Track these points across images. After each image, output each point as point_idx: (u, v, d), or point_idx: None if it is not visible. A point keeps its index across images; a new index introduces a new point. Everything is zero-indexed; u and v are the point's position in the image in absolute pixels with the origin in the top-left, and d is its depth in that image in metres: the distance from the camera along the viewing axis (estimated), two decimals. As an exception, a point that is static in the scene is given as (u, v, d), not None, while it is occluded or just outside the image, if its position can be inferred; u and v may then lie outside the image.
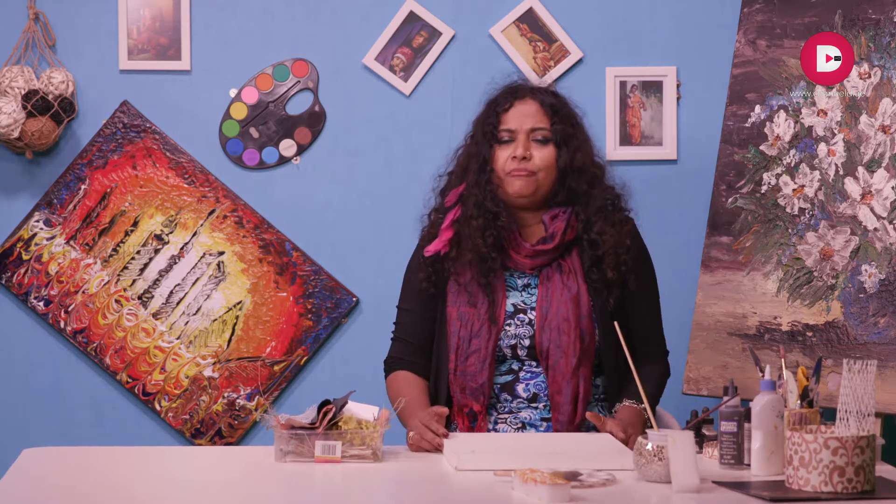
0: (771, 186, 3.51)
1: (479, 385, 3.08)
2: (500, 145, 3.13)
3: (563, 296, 3.10)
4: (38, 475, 2.72)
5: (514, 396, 3.10)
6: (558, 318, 3.08)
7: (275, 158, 4.04)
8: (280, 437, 2.80)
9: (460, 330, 3.10)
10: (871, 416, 2.53)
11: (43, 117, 3.89)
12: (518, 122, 3.13)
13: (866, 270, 3.28)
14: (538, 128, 3.13)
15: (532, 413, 3.09)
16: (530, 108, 3.14)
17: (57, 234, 4.01)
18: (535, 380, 3.09)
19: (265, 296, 4.02)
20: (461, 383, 3.09)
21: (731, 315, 3.52)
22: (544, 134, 3.13)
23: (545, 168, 3.12)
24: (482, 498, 2.51)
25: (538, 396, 3.09)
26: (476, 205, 3.12)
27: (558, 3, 4.02)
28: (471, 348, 3.09)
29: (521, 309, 3.12)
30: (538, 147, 3.12)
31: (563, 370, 3.05)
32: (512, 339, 3.10)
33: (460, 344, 3.10)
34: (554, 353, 3.07)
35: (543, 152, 3.12)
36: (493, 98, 3.19)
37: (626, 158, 3.99)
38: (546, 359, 3.07)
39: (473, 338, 3.09)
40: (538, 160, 3.11)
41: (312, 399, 3.00)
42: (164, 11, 4.01)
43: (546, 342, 3.07)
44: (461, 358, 3.09)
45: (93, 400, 4.03)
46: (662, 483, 2.57)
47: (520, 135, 3.12)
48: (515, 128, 3.13)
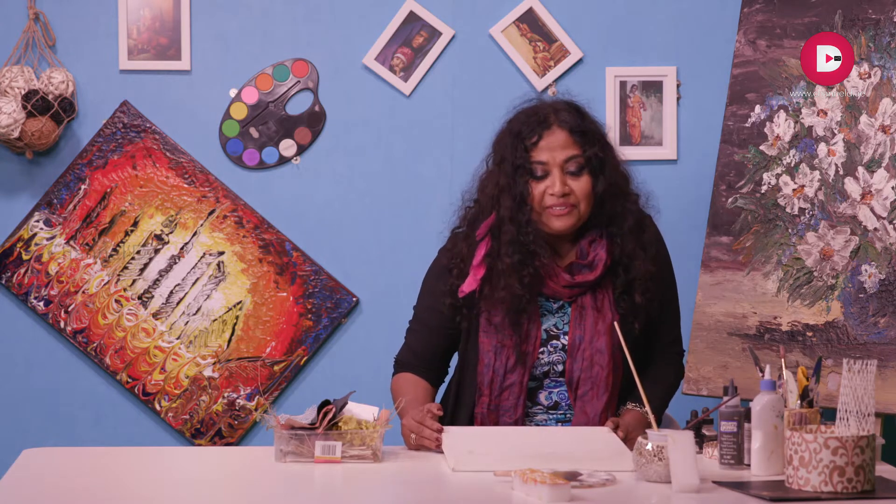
0: (771, 186, 3.51)
1: (513, 421, 3.06)
2: (535, 180, 3.05)
3: (597, 326, 3.06)
4: (38, 475, 2.72)
5: (534, 403, 3.09)
6: (592, 349, 3.05)
7: (275, 158, 4.04)
8: (280, 438, 2.80)
9: (495, 363, 3.06)
10: (871, 416, 2.53)
11: (43, 117, 3.89)
12: (549, 154, 3.04)
13: (866, 270, 3.28)
14: (571, 158, 3.05)
15: (547, 417, 3.08)
16: (559, 138, 3.06)
17: (57, 234, 4.01)
18: (559, 388, 3.08)
19: (265, 296, 4.02)
20: (494, 419, 3.07)
21: (731, 315, 3.52)
22: (578, 163, 3.05)
23: (584, 199, 3.05)
24: (482, 498, 2.52)
25: (559, 405, 3.08)
26: (511, 242, 3.04)
27: (558, 3, 4.02)
28: (506, 383, 3.06)
29: (553, 335, 3.08)
30: (573, 178, 3.05)
31: (593, 403, 3.04)
32: (545, 367, 3.08)
33: (495, 377, 3.06)
34: (584, 383, 3.05)
35: (580, 183, 3.05)
36: (516, 129, 3.09)
37: (626, 158, 3.96)
38: (575, 389, 3.06)
39: (508, 372, 3.06)
40: (577, 192, 3.05)
41: (312, 399, 3.00)
42: (164, 11, 4.01)
43: (577, 371, 3.05)
44: (495, 392, 3.07)
45: (93, 400, 4.03)
46: (662, 483, 2.57)
47: (553, 168, 3.04)
48: (547, 160, 3.04)
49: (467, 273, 3.08)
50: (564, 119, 3.07)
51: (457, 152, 4.02)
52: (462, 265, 3.10)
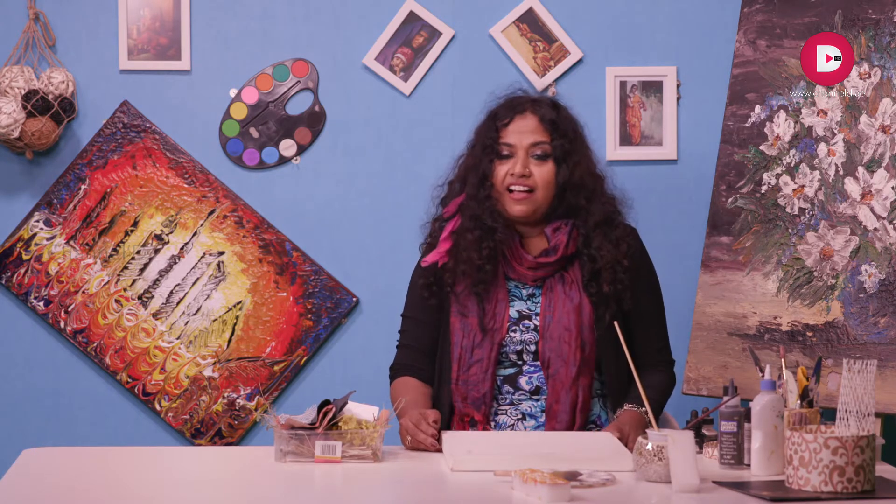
0: (771, 186, 3.51)
1: (482, 395, 3.09)
2: (500, 160, 3.14)
3: (565, 306, 3.11)
4: (38, 475, 2.72)
5: (516, 388, 3.11)
6: (560, 327, 3.09)
7: (275, 158, 4.04)
8: (280, 437, 2.80)
9: (462, 340, 3.12)
10: (871, 416, 2.53)
11: (43, 117, 3.89)
12: (517, 137, 3.14)
13: (866, 270, 3.28)
14: (537, 143, 3.14)
15: (533, 404, 3.10)
16: (529, 123, 3.15)
17: (57, 234, 4.01)
18: (538, 373, 3.10)
19: (265, 296, 4.02)
20: (463, 392, 3.10)
21: (731, 315, 3.52)
22: (544, 149, 3.14)
23: (544, 186, 3.13)
24: (482, 498, 2.52)
25: (540, 389, 3.10)
26: (472, 217, 3.14)
27: (558, 3, 4.02)
28: (473, 358, 3.10)
29: (525, 315, 3.13)
30: (537, 163, 3.13)
31: (562, 379, 3.07)
32: (518, 345, 3.11)
33: (462, 354, 3.11)
34: (554, 361, 3.08)
35: (543, 169, 3.13)
36: (493, 111, 3.20)
37: (626, 158, 3.99)
38: (547, 367, 3.09)
39: (476, 348, 3.10)
40: (537, 177, 3.12)
41: (312, 399, 3.00)
42: (164, 11, 4.01)
43: (548, 351, 3.09)
44: (463, 368, 3.11)
45: (93, 400, 4.03)
46: (662, 483, 2.57)
47: (519, 150, 3.13)
48: (514, 143, 3.14)
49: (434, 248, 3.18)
50: (538, 109, 3.17)
51: (457, 152, 4.00)
52: (432, 241, 3.21)
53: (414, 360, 3.20)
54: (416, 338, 3.21)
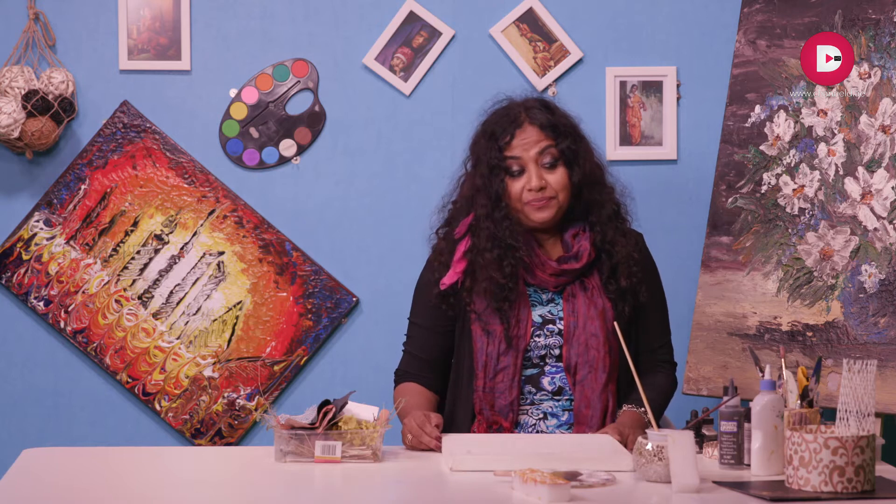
0: (771, 186, 3.51)
1: (509, 402, 3.08)
2: (511, 177, 3.12)
3: (589, 311, 3.11)
4: (38, 475, 2.72)
5: (538, 389, 3.11)
6: (586, 333, 3.10)
7: (275, 158, 4.04)
8: (280, 437, 2.80)
9: (487, 347, 3.10)
10: (871, 416, 2.53)
11: (43, 117, 3.89)
12: (523, 151, 3.12)
13: (866, 270, 3.28)
14: (544, 151, 3.12)
15: (554, 404, 3.10)
16: (530, 134, 3.13)
17: (57, 234, 4.01)
18: (560, 374, 3.10)
19: (265, 296, 4.02)
20: (490, 401, 3.10)
21: (731, 315, 3.52)
22: (552, 154, 3.12)
23: (562, 190, 3.12)
24: (482, 498, 2.52)
25: (563, 390, 3.10)
26: (490, 237, 3.11)
27: (558, 3, 4.02)
28: (499, 365, 3.09)
29: (549, 320, 3.13)
30: (549, 171, 3.12)
31: (592, 385, 3.08)
32: (542, 350, 3.11)
33: (488, 361, 3.10)
34: (582, 368, 3.08)
35: (556, 175, 3.12)
36: (489, 129, 3.16)
37: (626, 158, 3.99)
38: (574, 374, 3.09)
39: (501, 355, 3.09)
40: (554, 185, 3.11)
41: (312, 399, 3.00)
42: (164, 11, 4.01)
43: (574, 357, 3.09)
44: (489, 375, 3.10)
45: (93, 400, 4.03)
46: (662, 483, 2.57)
47: (528, 163, 3.11)
48: (521, 155, 3.12)
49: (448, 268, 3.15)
50: (535, 116, 3.14)
51: (457, 152, 4.00)
52: (443, 260, 3.17)
53: (419, 370, 3.20)
54: (422, 347, 3.20)
